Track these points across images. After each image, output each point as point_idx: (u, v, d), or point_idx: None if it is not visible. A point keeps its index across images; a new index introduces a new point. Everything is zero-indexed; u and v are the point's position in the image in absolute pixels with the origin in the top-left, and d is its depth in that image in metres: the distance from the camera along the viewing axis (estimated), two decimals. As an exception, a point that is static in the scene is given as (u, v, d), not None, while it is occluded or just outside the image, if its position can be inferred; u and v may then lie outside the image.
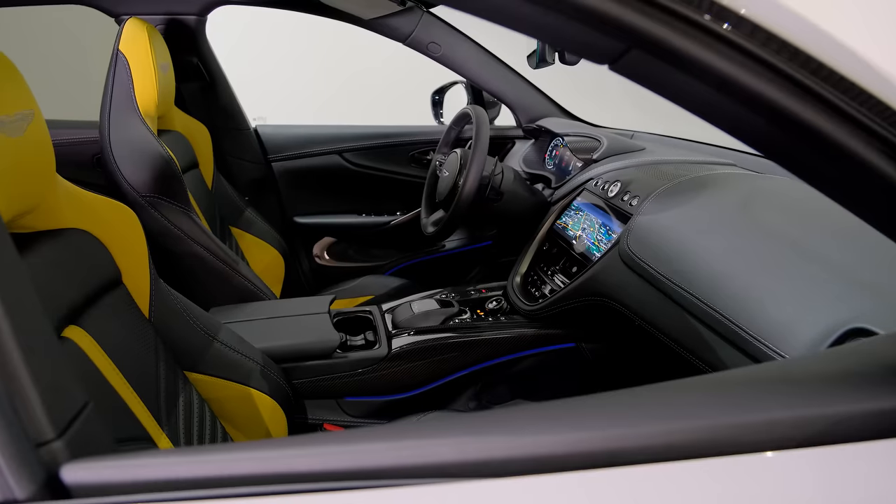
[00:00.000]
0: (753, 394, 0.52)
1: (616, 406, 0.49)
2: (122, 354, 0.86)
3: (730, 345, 0.88)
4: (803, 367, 0.59)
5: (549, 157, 1.94)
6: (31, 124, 0.74)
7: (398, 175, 2.18)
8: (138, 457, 0.44)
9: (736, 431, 0.49)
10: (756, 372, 0.58)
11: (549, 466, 0.45)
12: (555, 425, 0.46)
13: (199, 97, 1.85)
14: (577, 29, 0.51)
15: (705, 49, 0.47)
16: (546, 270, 1.46)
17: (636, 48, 0.50)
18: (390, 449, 0.43)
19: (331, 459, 0.44)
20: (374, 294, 1.95)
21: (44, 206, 0.81)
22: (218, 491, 0.43)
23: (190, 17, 1.70)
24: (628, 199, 1.30)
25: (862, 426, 0.50)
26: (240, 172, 2.00)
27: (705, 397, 0.52)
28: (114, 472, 0.42)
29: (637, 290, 1.12)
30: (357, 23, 1.81)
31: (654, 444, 0.46)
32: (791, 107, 0.46)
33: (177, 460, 0.44)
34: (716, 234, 1.06)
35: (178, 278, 1.39)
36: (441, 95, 2.42)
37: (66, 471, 0.41)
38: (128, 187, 1.31)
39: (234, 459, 0.45)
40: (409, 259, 2.21)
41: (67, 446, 0.43)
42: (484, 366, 1.33)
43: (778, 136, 0.49)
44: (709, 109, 0.52)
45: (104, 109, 1.34)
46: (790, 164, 0.51)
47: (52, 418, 0.43)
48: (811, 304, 0.82)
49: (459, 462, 0.45)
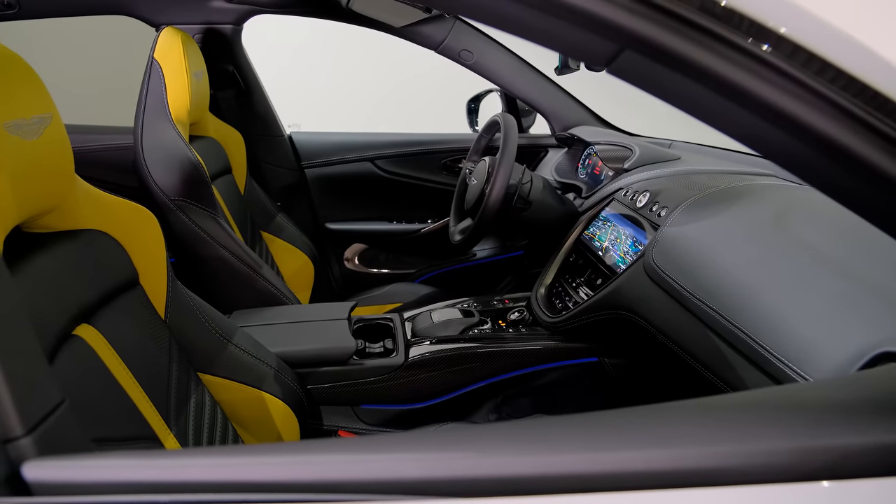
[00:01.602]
0: (754, 419, 0.48)
1: (596, 428, 0.46)
2: (133, 354, 0.88)
3: (752, 365, 0.83)
4: (817, 391, 0.55)
5: (583, 167, 1.90)
6: (49, 127, 0.76)
7: (429, 183, 2.17)
8: (102, 458, 0.44)
9: (726, 460, 0.45)
10: (763, 395, 0.54)
11: (518, 488, 0.43)
12: (524, 446, 0.43)
13: (235, 104, 1.89)
14: (569, 30, 0.49)
15: (699, 48, 0.44)
16: (571, 282, 1.42)
17: (629, 49, 0.48)
18: (348, 462, 0.42)
19: (280, 470, 0.43)
20: (403, 301, 1.94)
21: (63, 207, 0.83)
22: (177, 497, 0.42)
23: (226, 27, 1.74)
24: (657, 209, 1.26)
25: (878, 460, 0.46)
26: (273, 178, 2.03)
27: (699, 421, 0.49)
28: (76, 472, 0.42)
29: (660, 304, 1.07)
30: (389, 31, 1.81)
31: (630, 470, 0.43)
32: (789, 107, 0.42)
33: (140, 464, 0.44)
34: (744, 247, 1.01)
35: (203, 280, 1.41)
36: (476, 103, 2.41)
37: (28, 468, 0.41)
38: (157, 191, 1.35)
39: (196, 465, 0.44)
40: (439, 267, 2.20)
41: (35, 443, 0.43)
42: (503, 378, 1.30)
43: (778, 137, 0.45)
44: (706, 111, 0.49)
45: (138, 115, 1.38)
46: (793, 167, 0.48)
47: (22, 416, 0.43)
48: (842, 325, 0.77)
49: (428, 480, 0.43)
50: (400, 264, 2.23)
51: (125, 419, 0.81)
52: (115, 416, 0.80)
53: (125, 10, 1.64)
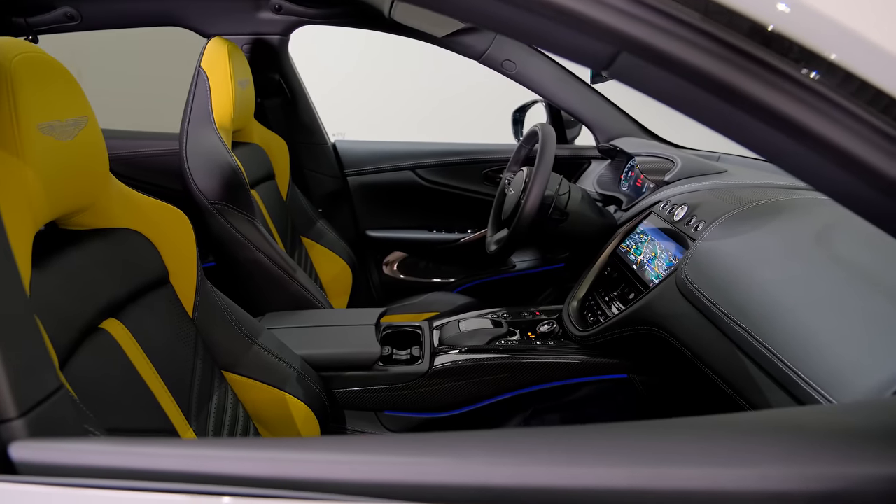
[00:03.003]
0: (752, 441, 0.46)
1: (579, 441, 0.45)
2: (157, 349, 0.91)
3: (779, 387, 0.79)
4: (827, 415, 0.51)
5: (625, 179, 1.86)
6: (84, 130, 0.80)
7: (470, 193, 2.17)
8: (88, 442, 0.45)
9: (715, 482, 0.42)
10: (768, 417, 0.51)
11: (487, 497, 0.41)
12: (500, 456, 0.42)
13: (280, 112, 1.95)
14: (568, 34, 0.48)
15: (692, 49, 0.42)
16: (604, 296, 1.39)
17: (625, 51, 0.46)
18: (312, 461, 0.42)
19: (248, 465, 0.43)
20: (439, 311, 1.94)
21: (96, 206, 0.87)
22: (156, 485, 0.43)
23: (273, 37, 1.80)
24: (694, 223, 1.21)
25: (885, 491, 0.42)
26: (316, 185, 2.07)
27: (693, 440, 0.46)
28: (61, 455, 0.43)
29: (689, 321, 1.03)
30: (432, 41, 1.83)
31: (606, 486, 0.41)
32: (784, 107, 0.40)
33: (125, 450, 0.45)
34: (781, 264, 0.96)
35: (240, 282, 1.45)
36: (522, 114, 2.40)
37: (14, 448, 0.43)
38: (199, 194, 1.39)
39: (179, 455, 0.45)
40: (478, 278, 2.19)
41: (28, 426, 0.45)
42: (530, 390, 1.28)
43: (776, 139, 0.43)
44: (705, 114, 0.46)
45: (184, 121, 1.43)
46: (798, 172, 0.45)
47: (17, 399, 0.45)
48: (877, 348, 0.72)
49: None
50: (439, 273, 2.23)
51: (144, 411, 0.84)
52: (134, 408, 0.82)
53: (179, 21, 1.72)
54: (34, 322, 0.51)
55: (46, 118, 0.72)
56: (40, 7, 1.60)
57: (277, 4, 1.74)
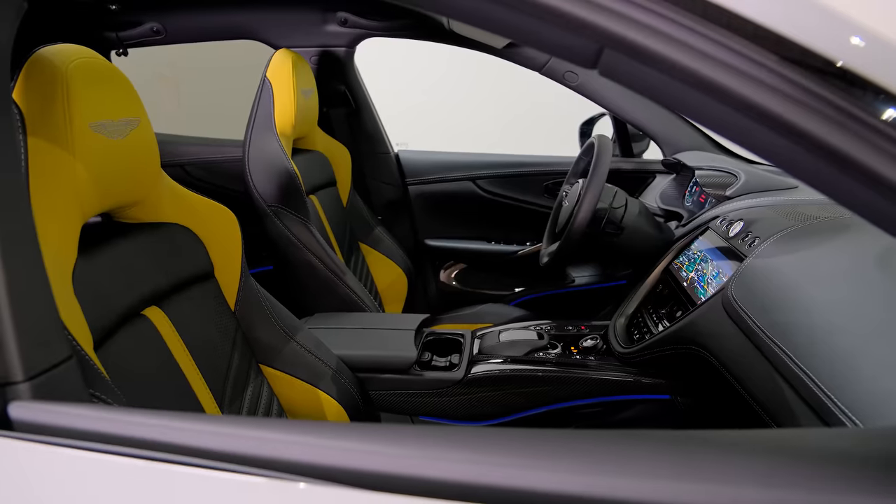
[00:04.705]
0: (735, 459, 0.43)
1: (541, 444, 0.43)
2: (196, 338, 0.96)
3: (813, 413, 0.73)
4: (829, 440, 0.47)
5: (689, 194, 1.79)
6: (136, 130, 0.87)
7: (531, 205, 2.15)
8: (83, 407, 0.48)
9: (684, 497, 0.40)
10: (763, 436, 0.48)
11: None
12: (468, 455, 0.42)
13: (345, 122, 2.02)
14: (552, 32, 0.47)
15: (668, 44, 0.41)
16: (652, 313, 1.33)
17: (607, 47, 0.45)
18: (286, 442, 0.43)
19: (234, 441, 0.45)
20: (493, 322, 1.93)
21: (147, 202, 0.94)
22: (147, 453, 0.45)
23: (340, 49, 1.87)
24: (749, 239, 1.15)
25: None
26: (377, 193, 2.13)
27: (669, 453, 0.44)
28: (56, 417, 0.47)
29: (732, 341, 0.97)
30: (492, 52, 1.84)
31: (558, 491, 0.40)
32: (764, 103, 0.38)
33: (119, 418, 0.48)
34: (834, 285, 0.89)
35: (291, 283, 1.51)
36: (589, 127, 2.36)
37: (13, 407, 0.47)
38: (257, 196, 1.47)
39: (169, 427, 0.47)
40: (535, 291, 2.16)
41: (32, 390, 0.49)
42: (565, 405, 1.25)
43: (763, 134, 0.40)
44: (692, 110, 0.44)
45: (248, 128, 1.52)
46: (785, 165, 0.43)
47: (25, 364, 0.50)
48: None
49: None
50: (496, 285, 2.22)
51: (176, 395, 0.89)
52: (167, 391, 0.87)
53: (253, 35, 1.83)
54: (50, 297, 0.56)
55: (98, 117, 0.79)
56: (130, 23, 1.75)
57: (343, 18, 1.81)
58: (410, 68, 3.65)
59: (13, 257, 0.52)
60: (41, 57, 0.74)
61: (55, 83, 0.73)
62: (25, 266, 0.53)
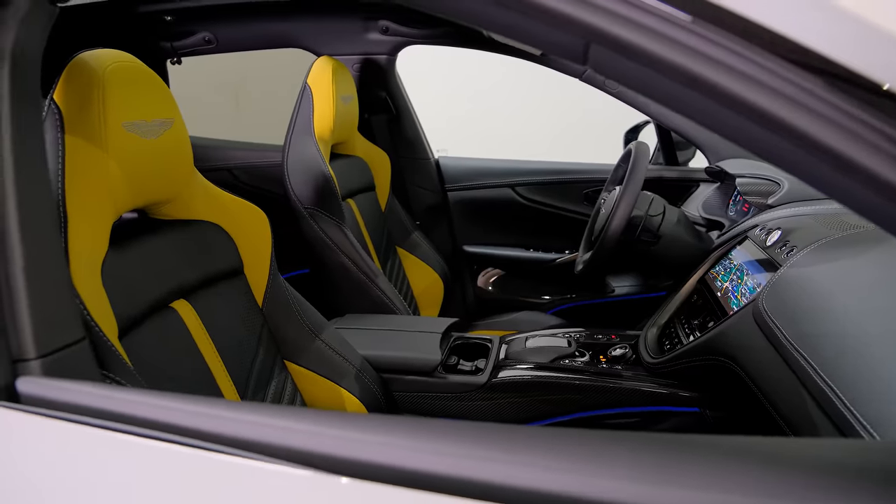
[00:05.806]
0: (723, 466, 0.41)
1: (524, 441, 0.43)
2: (222, 332, 0.99)
3: (835, 428, 0.69)
4: (823, 450, 0.45)
5: (733, 202, 1.73)
6: (169, 130, 0.91)
7: (569, 213, 2.13)
8: (86, 385, 0.51)
9: (664, 500, 0.39)
10: (757, 444, 0.46)
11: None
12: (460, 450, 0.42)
13: (385, 128, 2.05)
14: (541, 28, 0.47)
15: (651, 38, 0.40)
16: (685, 323, 1.29)
17: (593, 43, 0.45)
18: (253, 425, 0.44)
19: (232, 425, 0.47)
20: (529, 330, 1.91)
21: (180, 199, 0.98)
22: (144, 431, 0.48)
23: (381, 57, 1.91)
24: (785, 249, 1.10)
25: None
26: (417, 198, 2.15)
27: (657, 455, 0.43)
28: (60, 393, 0.50)
29: (760, 354, 0.93)
30: (531, 59, 1.84)
31: (533, 488, 0.39)
32: (742, 92, 0.37)
33: (117, 396, 0.50)
34: (871, 296, 0.84)
35: (324, 284, 1.54)
36: (634, 135, 2.32)
37: (22, 381, 0.50)
38: (294, 198, 1.51)
39: (179, 410, 0.49)
40: (574, 300, 2.13)
41: (43, 367, 0.53)
42: (590, 414, 1.22)
43: (746, 126, 0.39)
44: (683, 105, 0.44)
45: (288, 132, 1.56)
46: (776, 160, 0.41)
47: (38, 342, 0.53)
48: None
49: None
50: (534, 293, 2.20)
51: (199, 386, 0.92)
52: (190, 382, 0.91)
53: (296, 43, 1.89)
54: (67, 282, 0.59)
55: (132, 118, 0.83)
56: (183, 33, 1.84)
57: (385, 26, 1.85)
58: (463, 76, 3.69)
59: (33, 243, 0.55)
60: (81, 60, 0.79)
61: (92, 85, 0.78)
62: (44, 251, 0.57)
